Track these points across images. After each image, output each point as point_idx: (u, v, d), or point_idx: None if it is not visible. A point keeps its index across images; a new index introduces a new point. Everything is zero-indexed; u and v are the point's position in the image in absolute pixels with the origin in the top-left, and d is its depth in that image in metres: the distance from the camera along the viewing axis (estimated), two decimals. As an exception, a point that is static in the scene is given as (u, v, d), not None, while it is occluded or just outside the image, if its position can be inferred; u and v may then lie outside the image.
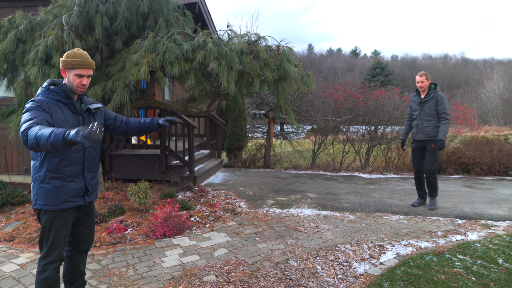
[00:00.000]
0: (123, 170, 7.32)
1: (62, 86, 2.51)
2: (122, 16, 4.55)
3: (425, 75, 5.34)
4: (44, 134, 2.10)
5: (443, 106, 5.19)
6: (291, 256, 3.78)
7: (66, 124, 2.48)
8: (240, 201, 5.94)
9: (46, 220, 2.54)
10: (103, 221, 4.81)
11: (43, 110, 2.38)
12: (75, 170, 2.57)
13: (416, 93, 5.50)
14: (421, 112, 5.36)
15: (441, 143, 5.17)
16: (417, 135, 5.41)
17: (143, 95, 5.28)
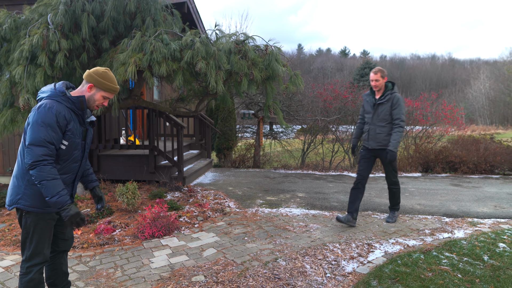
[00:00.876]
0: (111, 171, 7.25)
1: (81, 98, 2.50)
2: (109, 15, 4.51)
3: (380, 71, 4.56)
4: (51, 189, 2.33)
5: (399, 110, 4.45)
6: (280, 255, 3.79)
7: (75, 135, 2.50)
8: (229, 201, 5.93)
9: (31, 222, 2.50)
10: (91, 222, 4.76)
11: (58, 126, 2.39)
12: (69, 178, 2.58)
13: (370, 92, 4.70)
14: (374, 116, 4.60)
15: (391, 155, 4.40)
16: (368, 142, 4.66)
17: (131, 94, 5.23)
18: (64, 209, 2.35)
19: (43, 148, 2.34)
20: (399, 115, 4.46)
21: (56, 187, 2.35)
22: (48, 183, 2.33)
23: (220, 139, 10.94)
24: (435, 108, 10.60)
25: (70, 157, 2.52)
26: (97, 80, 2.53)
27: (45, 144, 2.34)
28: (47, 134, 2.35)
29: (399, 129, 4.45)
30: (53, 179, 2.34)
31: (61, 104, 2.45)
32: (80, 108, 2.53)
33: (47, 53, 4.01)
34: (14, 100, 4.67)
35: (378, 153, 4.63)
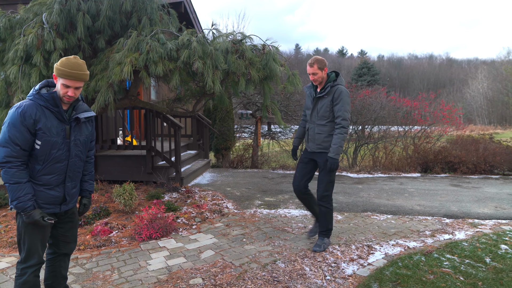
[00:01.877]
0: (108, 171, 7.18)
1: (52, 93, 2.41)
2: (105, 15, 4.45)
3: (317, 62, 3.71)
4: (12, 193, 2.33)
5: (341, 106, 3.63)
6: (279, 257, 3.73)
7: (50, 133, 2.40)
8: (228, 202, 5.88)
9: (21, 222, 2.46)
10: (88, 224, 4.70)
11: (22, 125, 2.32)
12: (56, 179, 2.50)
13: (312, 84, 3.92)
14: (313, 112, 3.85)
15: (332, 162, 3.65)
16: (308, 144, 3.96)
17: (128, 95, 5.17)
18: (24, 214, 2.36)
19: (6, 149, 2.31)
20: (341, 112, 3.64)
21: (17, 192, 2.32)
22: (10, 187, 2.33)
23: (218, 139, 10.88)
24: (433, 108, 10.58)
25: (49, 157, 2.42)
26: (56, 68, 2.41)
27: (8, 144, 2.31)
28: (11, 134, 2.31)
29: (341, 130, 3.64)
30: (16, 183, 2.32)
31: (32, 102, 2.38)
32: (53, 104, 2.42)
33: (42, 52, 3.95)
34: (10, 101, 4.61)
35: (317, 156, 3.89)
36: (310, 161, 4.01)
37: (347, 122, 3.71)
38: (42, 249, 2.54)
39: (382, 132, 10.26)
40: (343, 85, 3.81)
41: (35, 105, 2.36)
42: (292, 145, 4.32)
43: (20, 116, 2.30)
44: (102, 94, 4.22)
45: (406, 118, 10.19)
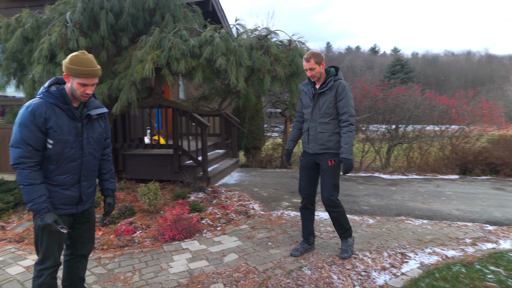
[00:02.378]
0: (136, 170, 7.21)
1: (61, 91, 2.34)
2: (128, 12, 4.40)
3: (314, 56, 3.42)
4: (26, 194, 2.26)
5: (346, 101, 3.39)
6: (305, 263, 3.54)
7: (62, 131, 2.33)
8: (254, 203, 5.72)
9: (38, 224, 2.39)
10: (112, 223, 4.67)
11: (34, 125, 2.25)
12: (70, 179, 2.43)
13: (309, 81, 3.63)
14: (314, 110, 3.55)
15: (348, 163, 3.36)
16: (308, 146, 3.63)
17: (152, 93, 5.12)
18: (38, 216, 2.29)
19: (19, 149, 2.24)
20: (347, 108, 3.39)
21: (32, 194, 2.25)
22: (24, 189, 2.25)
23: (248, 139, 10.77)
24: (472, 106, 9.97)
25: (62, 156, 2.35)
26: (67, 67, 2.31)
27: (20, 145, 2.24)
28: (22, 134, 2.24)
29: (350, 127, 3.39)
30: (30, 185, 2.25)
31: (42, 100, 2.31)
32: (63, 102, 2.34)
33: (66, 51, 3.94)
34: None
35: (320, 158, 3.57)
36: (314, 166, 3.65)
37: (354, 119, 3.45)
38: (59, 251, 2.48)
39: (416, 132, 9.78)
40: (343, 79, 3.57)
41: (45, 103, 2.29)
42: (286, 149, 3.95)
43: (30, 115, 2.24)
44: (125, 93, 4.17)
45: (442, 117, 9.66)
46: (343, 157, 3.38)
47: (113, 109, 4.29)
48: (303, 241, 3.84)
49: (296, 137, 3.87)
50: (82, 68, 2.29)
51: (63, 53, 3.98)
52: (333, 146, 3.49)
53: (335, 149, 3.48)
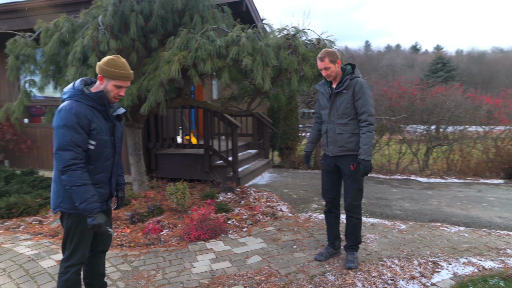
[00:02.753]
0: (168, 169, 7.35)
1: (99, 93, 2.41)
2: (157, 14, 4.47)
3: (328, 55, 3.27)
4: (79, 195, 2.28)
5: (365, 100, 3.24)
6: (329, 268, 3.43)
7: (101, 132, 2.42)
8: (282, 204, 5.65)
9: (71, 223, 2.46)
10: (141, 221, 4.77)
11: (80, 127, 2.31)
12: (105, 177, 2.53)
13: (325, 81, 3.50)
14: (331, 111, 3.41)
15: (365, 165, 3.21)
16: (327, 148, 3.50)
17: (181, 94, 5.18)
18: (90, 216, 2.30)
19: (70, 151, 2.28)
20: (366, 107, 3.24)
21: (85, 194, 2.29)
22: (78, 189, 2.28)
23: (281, 139, 10.69)
24: (521, 106, 9.32)
25: (101, 156, 2.45)
26: (104, 69, 2.39)
27: (70, 147, 2.28)
28: (71, 137, 2.27)
29: (369, 127, 3.23)
30: (83, 185, 2.29)
31: (80, 103, 2.36)
32: (101, 104, 2.42)
33: (97, 53, 4.06)
34: None
35: (340, 161, 3.43)
36: (336, 169, 3.51)
37: (373, 118, 3.27)
38: (86, 249, 2.55)
39: (457, 133, 9.29)
40: (360, 77, 3.38)
41: (84, 105, 2.35)
42: (305, 151, 3.83)
43: (76, 118, 2.29)
44: (153, 93, 4.24)
45: (486, 117, 9.11)
46: (362, 158, 3.23)
47: (141, 109, 4.38)
48: (329, 245, 3.73)
49: (315, 138, 3.75)
50: (119, 71, 2.39)
51: (95, 55, 4.10)
52: (353, 148, 3.34)
53: (356, 151, 3.32)
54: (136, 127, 5.85)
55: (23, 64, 4.71)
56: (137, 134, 5.92)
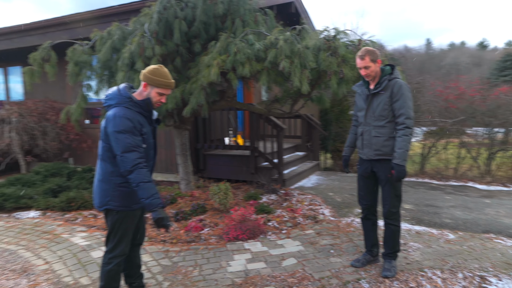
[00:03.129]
0: (215, 170, 7.55)
1: (147, 101, 2.60)
2: (199, 20, 4.64)
3: (369, 54, 3.16)
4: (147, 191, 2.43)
5: (403, 102, 3.09)
6: (364, 276, 3.34)
7: (148, 135, 2.64)
8: (325, 208, 5.57)
9: (117, 219, 2.66)
10: (184, 219, 4.96)
11: (137, 131, 2.51)
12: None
13: (363, 82, 3.38)
14: (368, 113, 3.29)
15: (399, 170, 3.08)
16: (362, 151, 3.39)
17: (224, 96, 5.32)
18: (155, 210, 2.44)
19: (134, 152, 2.45)
20: (404, 109, 3.08)
21: (151, 190, 2.45)
22: (145, 185, 2.43)
23: (333, 141, 10.51)
24: None
25: (147, 156, 2.65)
26: (148, 78, 2.57)
27: (134, 148, 2.46)
28: (132, 140, 2.46)
29: (406, 130, 3.08)
30: (148, 182, 2.46)
31: (130, 110, 2.54)
32: (147, 110, 2.61)
33: (143, 59, 4.31)
34: None
35: (376, 166, 3.31)
36: (372, 174, 3.40)
37: (411, 121, 3.11)
38: (128, 243, 2.75)
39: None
40: (400, 78, 3.22)
41: (134, 112, 2.55)
42: (342, 155, 3.72)
43: (131, 123, 2.48)
44: (195, 96, 4.40)
45: None
46: (395, 162, 3.10)
47: (184, 111, 4.56)
48: (366, 252, 3.63)
49: (353, 142, 3.64)
50: (163, 80, 2.58)
51: (141, 61, 4.36)
52: (390, 152, 3.19)
53: (392, 155, 3.18)
54: (183, 129, 6.09)
55: (81, 70, 5.11)
56: (184, 135, 6.16)
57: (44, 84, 9.12)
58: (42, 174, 6.66)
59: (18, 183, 6.33)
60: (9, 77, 9.99)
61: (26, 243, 4.38)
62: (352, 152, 3.71)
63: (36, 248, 4.22)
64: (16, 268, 3.72)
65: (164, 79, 2.59)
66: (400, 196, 3.32)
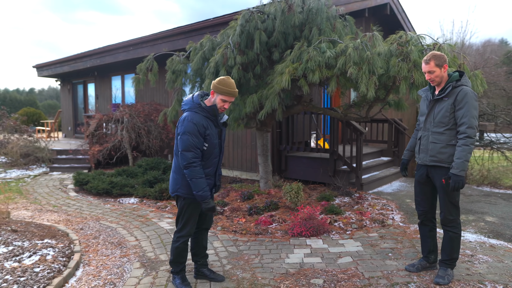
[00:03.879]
0: (296, 171, 7.90)
1: (213, 107, 3.10)
2: (278, 30, 5.04)
3: (434, 58, 3.14)
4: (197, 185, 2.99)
5: (467, 111, 3.02)
6: (416, 280, 3.37)
7: (212, 136, 3.12)
8: (397, 213, 5.52)
9: (184, 204, 3.22)
10: (257, 214, 5.42)
11: (200, 134, 3.03)
12: (211, 170, 3.22)
13: (429, 87, 3.38)
14: (428, 118, 3.30)
15: (456, 181, 3.03)
16: (418, 155, 3.42)
17: (301, 101, 5.63)
18: (204, 202, 3.02)
19: (191, 152, 3.00)
20: (466, 118, 3.03)
21: (201, 185, 3.00)
22: (196, 181, 3.00)
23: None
24: None
25: (211, 154, 3.15)
26: (215, 86, 3.05)
27: (192, 149, 3.00)
28: (192, 141, 2.99)
29: (467, 140, 3.02)
30: (200, 178, 3.00)
31: (198, 114, 3.07)
32: (213, 114, 3.10)
33: (226, 67, 4.87)
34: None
35: (431, 172, 3.32)
36: (428, 180, 3.42)
37: (473, 131, 3.03)
38: (193, 225, 3.28)
39: None
40: (469, 86, 3.15)
41: (201, 117, 3.08)
42: (401, 159, 3.72)
43: (196, 126, 3.02)
44: (270, 101, 4.81)
45: None
46: (453, 172, 3.07)
47: (258, 115, 5.02)
48: (423, 258, 3.63)
49: (413, 146, 3.65)
50: (227, 89, 3.06)
51: (224, 69, 4.93)
52: (446, 160, 3.19)
53: (448, 163, 3.17)
54: (264, 131, 6.57)
55: (177, 77, 5.93)
56: (265, 137, 6.64)
57: (151, 89, 10.55)
58: (143, 167, 7.79)
59: (124, 174, 7.52)
60: (125, 83, 11.73)
61: (124, 223, 5.31)
62: (412, 156, 3.72)
63: (130, 227, 5.10)
64: (114, 241, 4.59)
65: (228, 88, 3.05)
66: (455, 204, 3.27)
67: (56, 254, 3.87)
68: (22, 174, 9.38)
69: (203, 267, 3.51)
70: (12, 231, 4.47)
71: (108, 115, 9.57)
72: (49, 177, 9.08)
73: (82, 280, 3.52)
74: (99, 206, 6.35)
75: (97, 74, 13.59)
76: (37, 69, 15.80)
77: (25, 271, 3.40)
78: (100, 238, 4.69)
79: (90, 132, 9.43)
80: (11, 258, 3.67)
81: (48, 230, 4.72)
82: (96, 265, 3.88)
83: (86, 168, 9.60)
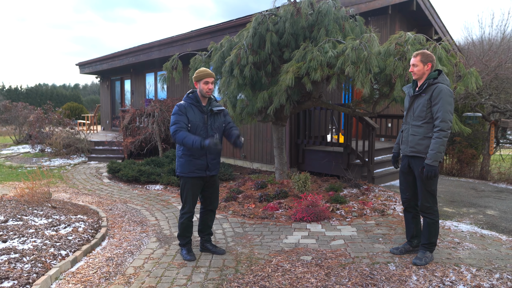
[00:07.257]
0: (312, 164, 8.28)
1: (194, 93, 3.71)
2: (287, 32, 5.44)
3: (422, 55, 3.50)
4: (188, 141, 3.44)
5: (441, 106, 3.34)
6: (396, 260, 3.71)
7: (196, 120, 3.63)
8: (399, 205, 5.78)
9: (182, 183, 3.78)
10: (266, 201, 5.88)
11: (182, 113, 3.61)
12: (200, 152, 3.67)
13: (412, 84, 3.73)
14: (408, 112, 3.66)
15: (429, 170, 3.39)
16: (402, 147, 3.79)
17: (310, 97, 6.00)
18: (202, 146, 3.39)
19: (175, 125, 3.56)
20: (440, 113, 3.35)
21: (190, 140, 3.45)
22: (185, 140, 3.48)
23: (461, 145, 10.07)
24: None
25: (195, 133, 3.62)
26: (194, 77, 3.65)
27: (175, 123, 3.56)
28: (175, 119, 3.57)
29: (440, 133, 3.35)
30: (185, 138, 3.47)
31: (184, 102, 3.67)
32: (196, 101, 3.66)
33: (240, 66, 5.35)
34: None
35: (411, 161, 3.66)
36: (410, 170, 3.76)
37: (447, 125, 3.35)
38: (193, 202, 3.80)
39: None
40: (445, 84, 3.44)
41: (187, 104, 3.68)
42: (392, 152, 4.04)
43: (178, 108, 3.63)
44: (278, 97, 5.24)
45: None
46: (426, 162, 3.41)
47: (268, 110, 5.45)
48: (407, 242, 3.95)
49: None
50: (201, 73, 3.66)
51: (237, 68, 5.41)
52: (423, 151, 3.52)
53: (425, 153, 3.50)
54: (280, 125, 6.99)
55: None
56: (280, 131, 7.06)
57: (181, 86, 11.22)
58: (170, 158, 8.45)
59: (152, 163, 8.22)
60: (158, 79, 12.49)
61: (147, 206, 5.94)
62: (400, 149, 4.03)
63: (152, 210, 5.73)
64: (136, 220, 5.23)
65: (201, 73, 3.62)
66: (433, 192, 3.58)
67: (86, 227, 4.53)
68: (63, 162, 10.35)
69: (207, 242, 4.03)
70: (52, 208, 5.20)
71: (140, 109, 10.33)
72: (86, 166, 9.99)
73: (106, 249, 4.14)
74: (128, 191, 7.05)
75: (133, 71, 14.51)
76: (79, 66, 17.03)
77: (60, 238, 4.07)
78: (125, 217, 5.33)
79: (124, 125, 10.24)
80: (50, 228, 4.37)
81: (81, 208, 5.43)
82: (119, 238, 4.50)
83: (120, 158, 10.44)
